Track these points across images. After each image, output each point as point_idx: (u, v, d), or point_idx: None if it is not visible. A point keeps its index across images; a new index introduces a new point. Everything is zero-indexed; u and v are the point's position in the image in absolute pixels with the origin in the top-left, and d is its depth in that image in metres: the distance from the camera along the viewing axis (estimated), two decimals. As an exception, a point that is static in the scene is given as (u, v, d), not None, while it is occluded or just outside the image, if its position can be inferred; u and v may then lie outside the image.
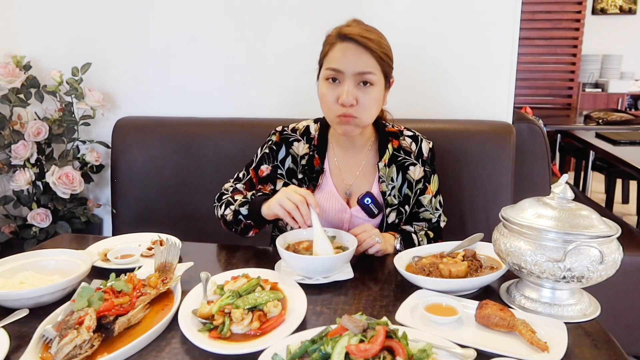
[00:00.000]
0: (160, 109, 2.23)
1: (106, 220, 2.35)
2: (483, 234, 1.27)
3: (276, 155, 1.46)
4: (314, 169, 1.43)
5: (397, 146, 1.45)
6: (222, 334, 0.91)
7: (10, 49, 2.14)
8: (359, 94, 1.28)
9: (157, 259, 1.16)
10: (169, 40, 2.16)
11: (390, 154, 1.44)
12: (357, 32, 1.27)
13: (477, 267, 1.17)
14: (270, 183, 1.48)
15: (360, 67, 1.26)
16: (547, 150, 2.02)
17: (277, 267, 1.24)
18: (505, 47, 2.00)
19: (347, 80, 1.27)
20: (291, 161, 1.45)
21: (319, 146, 1.45)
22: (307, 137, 1.47)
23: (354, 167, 1.45)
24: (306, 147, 1.45)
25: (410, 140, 1.47)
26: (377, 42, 1.28)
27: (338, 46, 1.28)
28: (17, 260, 1.20)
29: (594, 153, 3.68)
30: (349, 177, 1.44)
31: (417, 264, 1.21)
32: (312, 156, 1.44)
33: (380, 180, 1.42)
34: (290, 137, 1.46)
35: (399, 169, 1.44)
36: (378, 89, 1.30)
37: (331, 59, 1.29)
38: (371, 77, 1.28)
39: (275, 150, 1.46)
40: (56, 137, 2.10)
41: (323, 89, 1.32)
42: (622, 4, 5.57)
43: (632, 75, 5.49)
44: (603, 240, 0.97)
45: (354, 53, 1.26)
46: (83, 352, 0.85)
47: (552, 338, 0.90)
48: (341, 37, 1.28)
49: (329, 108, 1.32)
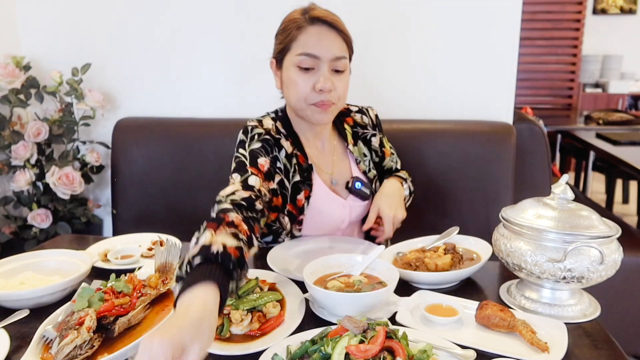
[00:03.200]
0: (161, 109, 2.23)
1: (106, 220, 2.35)
2: (458, 228, 1.31)
3: (272, 146, 1.30)
4: (302, 167, 1.33)
5: (352, 123, 1.46)
6: (222, 335, 0.92)
7: (10, 49, 2.14)
8: (334, 80, 1.23)
9: (157, 260, 1.16)
10: (169, 41, 2.16)
11: (351, 132, 1.44)
12: (326, 14, 1.22)
13: (459, 259, 1.21)
14: (271, 180, 1.28)
15: (335, 51, 1.21)
16: (547, 151, 2.02)
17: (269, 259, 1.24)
18: (505, 47, 2.00)
19: (323, 65, 1.21)
20: (284, 156, 1.31)
21: (295, 142, 1.35)
22: (283, 133, 1.34)
23: (327, 157, 1.40)
24: (288, 143, 1.33)
25: (359, 115, 1.47)
26: (344, 26, 1.25)
27: (310, 29, 1.21)
28: (18, 261, 1.20)
29: (594, 153, 3.68)
30: (328, 167, 1.39)
31: (402, 259, 1.23)
32: (297, 155, 1.34)
33: (358, 162, 1.43)
34: (273, 132, 1.33)
35: (364, 143, 1.46)
36: (348, 74, 1.28)
37: (304, 44, 1.21)
38: (344, 62, 1.24)
39: (269, 140, 1.30)
40: (56, 137, 2.10)
41: (294, 77, 1.23)
42: (623, 4, 5.57)
43: (632, 75, 5.48)
44: (603, 240, 0.97)
45: (329, 37, 1.21)
46: (83, 352, 0.85)
47: (552, 338, 0.90)
48: (311, 19, 1.21)
49: (303, 97, 1.23)
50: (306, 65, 1.21)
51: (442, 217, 1.93)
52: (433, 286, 1.14)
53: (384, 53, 2.06)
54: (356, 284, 1.03)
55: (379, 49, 2.05)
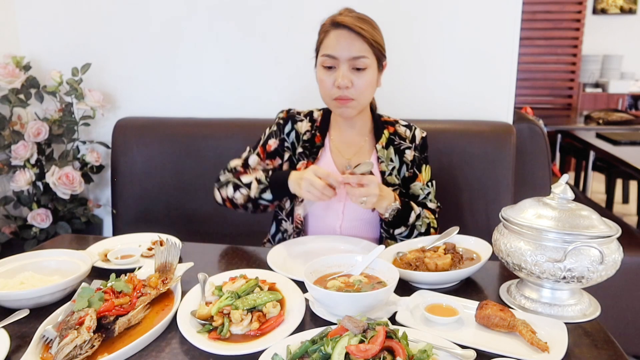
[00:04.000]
0: (161, 109, 2.23)
1: (106, 220, 2.35)
2: (458, 228, 1.32)
3: (283, 129, 1.52)
4: (314, 144, 1.50)
5: (392, 132, 1.52)
6: (222, 335, 0.92)
7: (10, 49, 2.14)
8: (354, 77, 1.36)
9: (157, 260, 1.16)
10: (169, 41, 2.16)
11: (387, 137, 1.51)
12: (349, 20, 1.35)
13: (459, 259, 1.22)
14: (278, 157, 1.53)
15: (353, 52, 1.34)
16: (547, 151, 2.02)
17: (269, 259, 1.24)
18: (505, 47, 2.00)
19: (342, 65, 1.35)
20: (294, 136, 1.52)
21: (321, 127, 1.53)
22: (311, 118, 1.55)
23: (352, 147, 1.51)
24: (308, 125, 1.53)
25: (404, 128, 1.54)
26: (369, 28, 1.36)
27: (332, 33, 1.36)
28: (18, 261, 1.20)
29: (594, 153, 3.68)
30: (348, 154, 1.50)
31: (402, 259, 1.23)
32: (313, 134, 1.52)
33: (380, 161, 1.48)
34: (296, 117, 1.54)
35: (396, 151, 1.50)
36: (371, 72, 1.38)
37: (326, 46, 1.37)
38: (364, 61, 1.35)
39: (282, 124, 1.53)
40: (56, 137, 2.10)
41: (320, 75, 1.40)
42: (623, 4, 5.57)
43: (632, 75, 5.48)
44: (603, 240, 0.97)
45: (347, 39, 1.34)
46: (83, 352, 0.85)
47: (552, 338, 0.90)
48: (334, 24, 1.36)
49: (326, 92, 1.40)
50: (328, 64, 1.37)
51: (442, 216, 1.93)
52: (433, 286, 1.14)
53: (384, 53, 2.05)
54: (356, 284, 1.03)
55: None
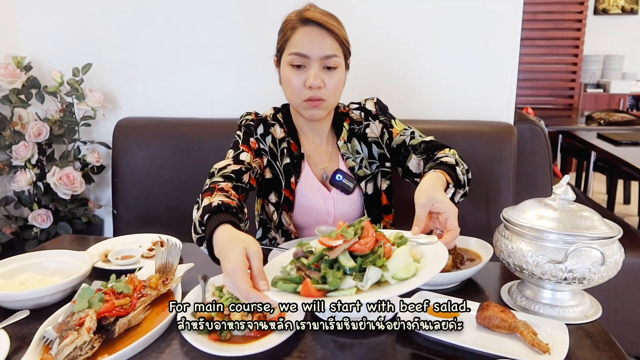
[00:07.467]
0: (161, 109, 2.23)
1: (107, 221, 2.35)
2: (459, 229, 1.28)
3: (255, 130, 1.40)
4: (293, 154, 1.42)
5: (349, 122, 1.48)
6: (222, 336, 0.91)
7: (10, 49, 2.14)
8: (325, 77, 1.29)
9: (157, 260, 1.16)
10: (170, 41, 2.16)
11: (347, 130, 1.46)
12: (318, 16, 1.28)
13: (460, 260, 1.21)
14: (259, 159, 1.39)
15: (325, 50, 1.27)
16: (548, 151, 2.01)
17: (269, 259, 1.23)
18: (506, 47, 1.99)
19: (313, 63, 1.27)
20: (271, 141, 1.41)
21: (290, 132, 1.44)
22: (280, 123, 1.44)
23: (323, 151, 1.46)
24: (282, 131, 1.43)
25: (357, 111, 1.49)
26: (337, 25, 1.30)
27: (301, 30, 1.28)
28: (18, 261, 1.20)
29: (595, 154, 3.67)
30: (322, 162, 1.45)
31: None
32: (289, 141, 1.43)
33: (345, 157, 1.44)
34: (268, 120, 1.43)
35: (360, 139, 1.46)
36: (341, 71, 1.32)
37: (295, 43, 1.28)
38: (336, 60, 1.29)
39: (253, 126, 1.41)
40: (57, 137, 2.10)
41: (288, 74, 1.30)
42: (624, 4, 5.56)
43: (633, 75, 5.47)
44: (604, 241, 0.96)
45: (317, 37, 1.27)
46: (83, 353, 0.85)
47: (553, 339, 0.89)
48: (303, 20, 1.28)
49: (295, 93, 1.31)
50: (297, 63, 1.28)
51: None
52: (434, 287, 1.14)
53: (384, 53, 2.05)
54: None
55: (379, 49, 2.05)
